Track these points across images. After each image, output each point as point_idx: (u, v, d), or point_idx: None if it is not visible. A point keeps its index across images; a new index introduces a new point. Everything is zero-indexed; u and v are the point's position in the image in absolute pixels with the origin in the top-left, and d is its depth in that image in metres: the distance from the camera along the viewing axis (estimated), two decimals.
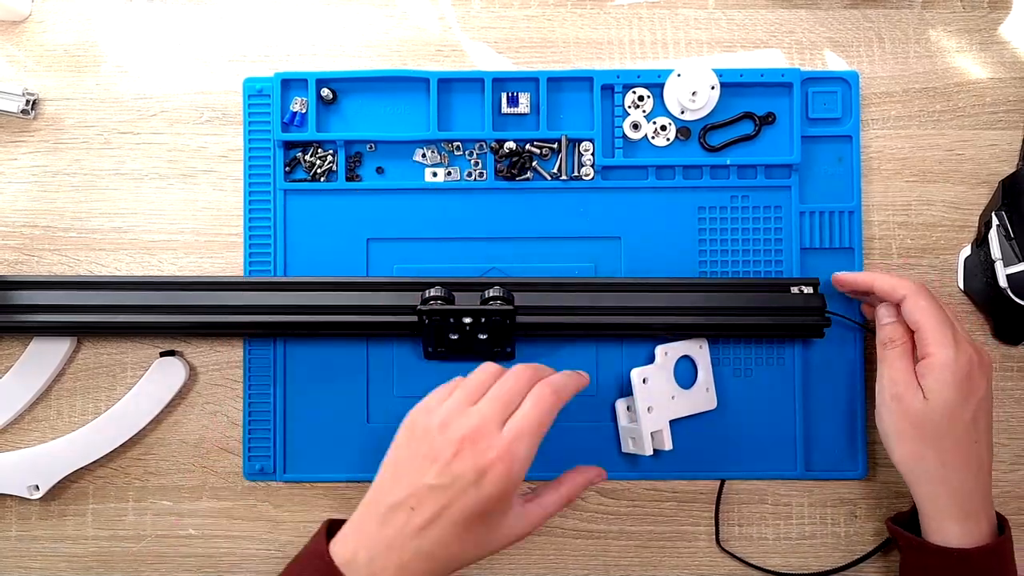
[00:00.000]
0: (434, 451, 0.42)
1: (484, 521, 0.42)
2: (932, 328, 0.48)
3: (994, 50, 0.57)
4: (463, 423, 0.42)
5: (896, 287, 0.49)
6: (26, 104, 0.55)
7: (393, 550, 0.41)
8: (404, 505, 0.42)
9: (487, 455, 0.41)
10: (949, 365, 0.47)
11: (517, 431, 0.42)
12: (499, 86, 0.56)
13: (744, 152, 0.56)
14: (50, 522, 0.56)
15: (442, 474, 0.41)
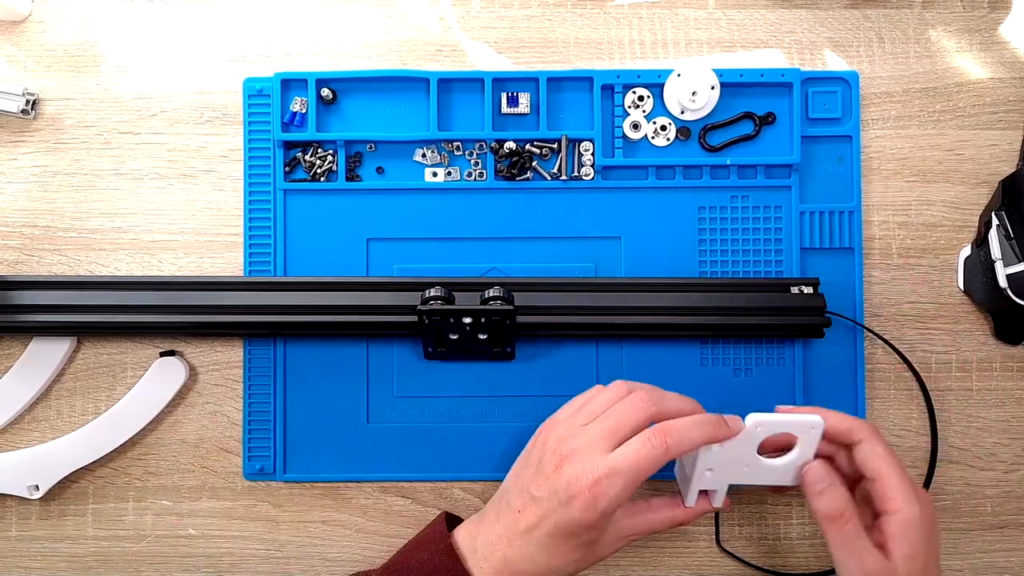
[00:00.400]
0: (543, 463, 0.44)
1: (577, 538, 0.43)
2: (896, 478, 0.43)
3: (994, 50, 0.57)
4: (572, 443, 0.43)
5: (853, 430, 0.45)
6: (26, 104, 0.55)
7: (502, 542, 0.44)
8: (514, 506, 0.44)
9: (580, 481, 0.42)
10: (916, 522, 0.42)
11: (613, 468, 0.42)
12: (499, 86, 0.56)
13: (744, 152, 0.56)
14: (50, 522, 0.56)
15: (541, 487, 0.43)
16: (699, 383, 0.55)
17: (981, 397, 0.56)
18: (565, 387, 0.55)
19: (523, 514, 0.43)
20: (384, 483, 0.56)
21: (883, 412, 0.56)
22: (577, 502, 0.41)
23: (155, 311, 0.53)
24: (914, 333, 0.56)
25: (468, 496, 0.56)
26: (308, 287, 0.53)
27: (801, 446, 0.45)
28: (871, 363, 0.56)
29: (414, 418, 0.56)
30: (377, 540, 0.56)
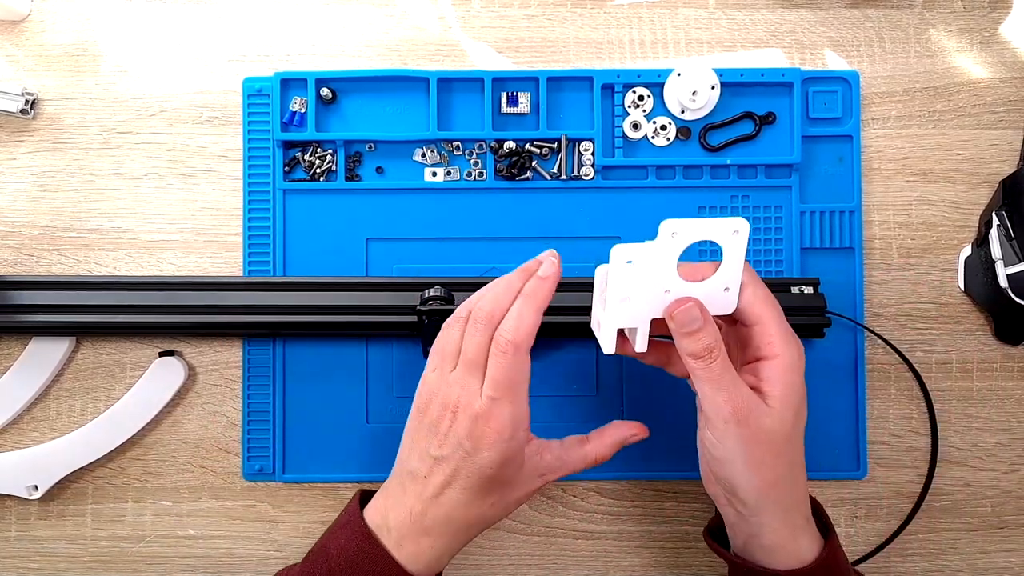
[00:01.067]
0: (435, 423, 0.43)
1: (495, 483, 0.42)
2: (775, 324, 0.41)
3: (995, 50, 0.57)
4: (448, 393, 0.42)
5: None
6: (25, 104, 0.55)
7: (415, 515, 0.42)
8: (419, 473, 0.43)
9: (476, 424, 0.41)
10: (793, 366, 0.41)
11: (491, 395, 0.41)
12: (499, 86, 0.56)
13: (744, 152, 0.56)
14: (49, 522, 0.56)
15: (442, 445, 0.42)
16: None
17: (981, 397, 0.56)
18: (565, 387, 0.55)
19: (431, 478, 0.42)
20: None
21: (883, 412, 0.56)
22: (484, 442, 0.41)
23: (154, 311, 0.53)
24: (914, 333, 0.56)
25: None
26: (307, 287, 0.53)
27: (727, 257, 0.40)
28: (871, 363, 0.56)
29: None
30: None
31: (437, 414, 0.42)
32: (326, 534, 0.45)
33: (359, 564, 0.42)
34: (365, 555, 0.42)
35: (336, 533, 0.44)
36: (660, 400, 0.55)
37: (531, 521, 0.56)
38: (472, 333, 0.43)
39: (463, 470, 0.42)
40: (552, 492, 0.56)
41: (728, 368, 0.41)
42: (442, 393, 0.43)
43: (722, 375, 0.40)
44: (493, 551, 0.56)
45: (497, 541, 0.56)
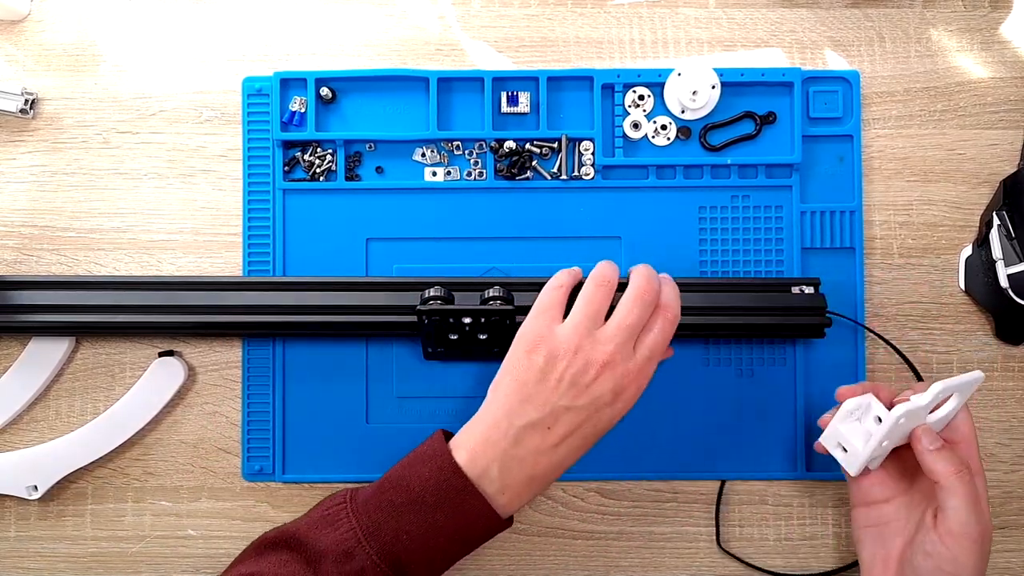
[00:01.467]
0: (570, 376, 0.44)
1: (608, 429, 0.46)
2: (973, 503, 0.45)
3: (995, 50, 0.57)
4: (600, 351, 0.44)
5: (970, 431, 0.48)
6: (25, 104, 0.55)
7: (526, 464, 0.44)
8: (540, 425, 0.44)
9: (625, 379, 0.44)
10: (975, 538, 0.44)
11: (649, 354, 0.45)
12: (499, 85, 0.56)
13: (745, 152, 0.56)
14: (49, 522, 0.56)
15: (581, 396, 0.44)
16: (703, 383, 0.55)
17: (982, 397, 0.56)
18: None
19: (554, 429, 0.44)
20: None
21: None
22: (624, 396, 0.45)
23: (154, 311, 0.53)
24: (915, 333, 0.56)
25: None
26: (307, 287, 0.53)
27: (958, 398, 0.47)
28: (872, 363, 0.56)
29: (414, 418, 0.55)
30: None
31: (578, 367, 0.44)
32: (402, 466, 0.45)
33: (446, 500, 0.43)
34: (455, 491, 0.43)
35: (417, 466, 0.44)
36: (661, 401, 0.55)
37: (531, 521, 0.56)
38: (637, 305, 0.46)
39: (591, 420, 0.44)
40: (552, 492, 0.56)
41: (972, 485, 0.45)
42: (588, 349, 0.44)
43: (979, 495, 0.45)
44: (493, 551, 0.56)
45: (497, 541, 0.55)
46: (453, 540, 0.43)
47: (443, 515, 0.43)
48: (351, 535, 0.43)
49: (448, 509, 0.43)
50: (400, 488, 0.44)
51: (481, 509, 0.43)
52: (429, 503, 0.43)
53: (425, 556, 0.43)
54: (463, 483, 0.43)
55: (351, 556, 0.42)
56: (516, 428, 0.44)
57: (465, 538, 0.44)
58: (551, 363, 0.44)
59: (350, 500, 0.44)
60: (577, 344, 0.44)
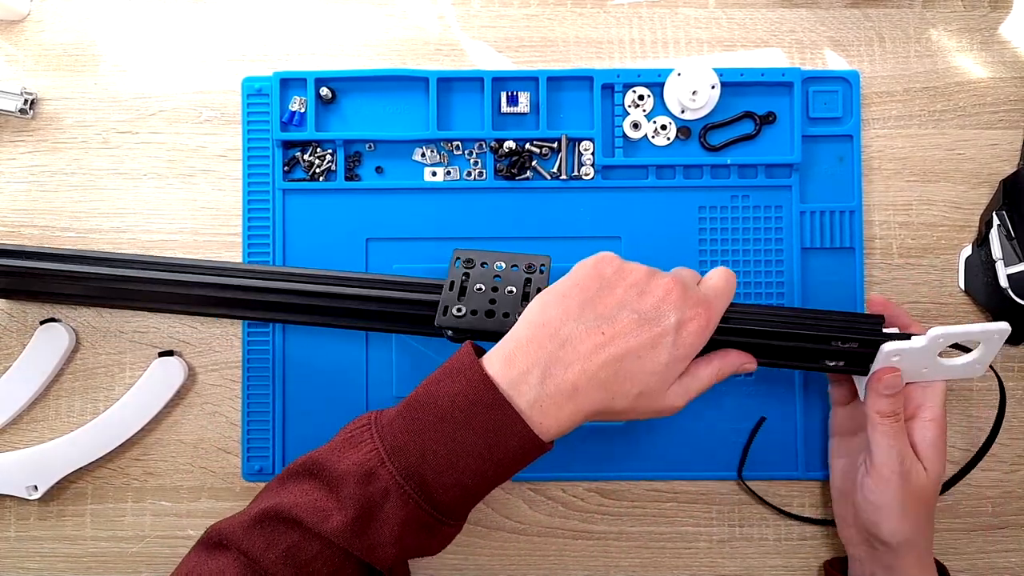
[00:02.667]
0: (640, 286, 0.42)
1: (660, 375, 0.41)
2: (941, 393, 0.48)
3: (995, 50, 0.57)
4: (667, 278, 0.43)
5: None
6: (24, 104, 0.55)
7: (571, 372, 0.40)
8: (596, 329, 0.40)
9: (694, 309, 0.42)
10: (944, 435, 0.48)
11: (716, 290, 0.44)
12: (499, 85, 0.56)
13: (744, 151, 0.56)
14: (49, 522, 0.56)
15: (651, 309, 0.41)
16: None
17: (981, 397, 0.56)
18: None
19: (614, 338, 0.40)
20: None
21: None
22: (690, 327, 0.42)
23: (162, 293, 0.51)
24: None
25: None
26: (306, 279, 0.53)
27: (984, 348, 0.48)
28: None
29: None
30: None
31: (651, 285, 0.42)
32: (429, 382, 0.41)
33: (475, 414, 0.39)
34: (484, 404, 0.39)
35: (445, 381, 0.41)
36: None
37: (531, 521, 0.56)
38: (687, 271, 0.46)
39: (652, 342, 0.41)
40: (552, 492, 0.56)
41: (902, 432, 0.48)
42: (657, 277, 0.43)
43: (898, 435, 0.47)
44: (493, 551, 0.56)
45: (497, 541, 0.56)
46: (485, 460, 0.39)
47: (472, 432, 0.39)
48: (374, 455, 0.40)
49: (477, 425, 0.39)
50: (426, 406, 0.40)
51: (514, 425, 0.39)
52: (457, 420, 0.39)
53: (454, 477, 0.39)
54: (494, 396, 0.39)
55: (374, 476, 0.39)
56: (568, 328, 0.40)
57: (498, 458, 0.39)
58: (622, 272, 0.43)
59: (374, 421, 0.41)
60: (647, 271, 0.43)
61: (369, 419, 0.42)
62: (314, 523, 0.39)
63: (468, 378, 0.40)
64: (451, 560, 0.56)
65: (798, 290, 0.55)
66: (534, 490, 0.56)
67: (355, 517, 0.39)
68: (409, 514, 0.39)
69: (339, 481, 0.39)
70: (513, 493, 0.56)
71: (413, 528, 0.40)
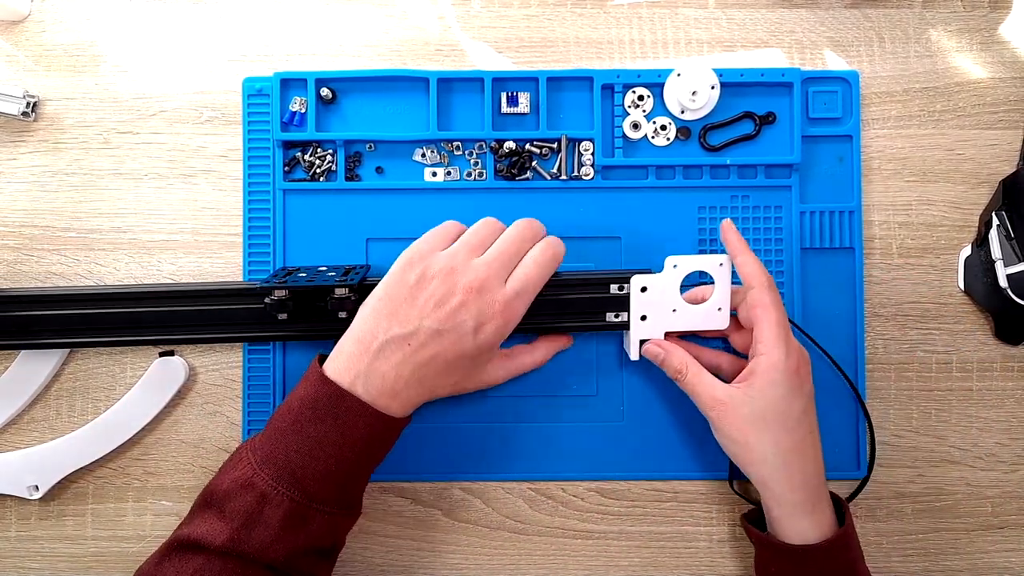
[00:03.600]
0: (438, 297, 0.46)
1: (470, 364, 0.47)
2: (768, 326, 0.48)
3: (994, 50, 0.57)
4: (470, 274, 0.46)
5: (753, 276, 0.49)
6: (27, 107, 0.55)
7: (387, 379, 0.45)
8: (402, 341, 0.45)
9: (490, 309, 0.46)
10: (779, 364, 0.47)
11: (519, 289, 0.47)
12: (499, 86, 0.56)
13: (744, 152, 0.56)
14: (49, 522, 0.56)
15: (445, 320, 0.45)
16: None
17: (981, 397, 0.56)
18: (565, 387, 0.55)
19: (416, 349, 0.45)
20: (384, 483, 0.56)
21: (883, 412, 0.56)
22: (487, 328, 0.46)
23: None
24: (915, 333, 0.56)
25: (468, 496, 0.56)
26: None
27: (717, 285, 0.51)
28: (872, 363, 0.56)
29: (414, 418, 0.55)
30: (377, 540, 0.56)
31: (445, 290, 0.46)
32: (286, 397, 0.47)
33: (321, 408, 0.44)
34: (327, 397, 0.44)
35: (296, 389, 0.46)
36: (660, 401, 0.55)
37: (531, 521, 0.56)
38: (518, 234, 0.49)
39: (454, 346, 0.45)
40: (552, 492, 0.56)
41: (700, 376, 0.49)
42: (460, 272, 0.46)
43: (695, 383, 0.49)
44: (493, 551, 0.56)
45: (497, 541, 0.56)
46: (341, 446, 0.44)
47: (324, 425, 0.44)
48: (248, 469, 0.44)
49: (327, 418, 0.44)
50: (284, 414, 0.45)
51: (357, 408, 0.44)
52: (308, 417, 0.44)
53: (317, 469, 0.44)
54: (333, 389, 0.44)
55: (251, 486, 0.44)
56: (379, 342, 0.45)
57: (352, 441, 0.45)
58: (422, 282, 0.46)
59: (248, 443, 0.46)
60: (452, 267, 0.46)
61: (244, 444, 0.46)
62: (209, 541, 0.43)
63: (311, 380, 0.45)
64: (451, 559, 0.56)
65: (798, 290, 0.55)
66: (534, 490, 0.56)
67: (240, 526, 0.43)
68: (287, 511, 0.44)
69: (223, 500, 0.44)
70: (513, 493, 0.56)
71: (295, 523, 0.44)
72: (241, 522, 0.43)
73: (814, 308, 0.55)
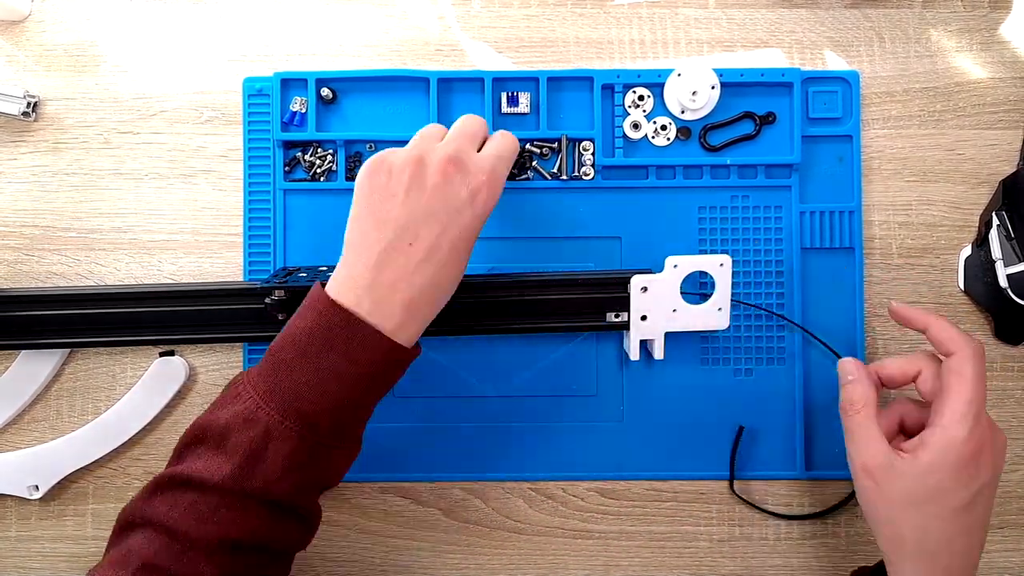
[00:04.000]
0: (419, 181, 0.42)
1: (471, 242, 0.44)
2: (959, 401, 0.42)
3: (995, 50, 0.57)
4: (439, 152, 0.43)
5: (951, 342, 0.43)
6: (27, 107, 0.55)
7: (398, 290, 0.42)
8: (400, 242, 0.42)
9: (477, 177, 0.43)
10: (955, 443, 0.41)
11: (496, 154, 0.44)
12: (499, 86, 0.56)
13: (744, 152, 0.56)
14: (50, 522, 0.56)
15: (435, 197, 0.42)
16: (699, 382, 0.55)
17: None
18: (565, 387, 0.55)
19: (416, 243, 0.42)
20: (384, 483, 0.56)
21: None
22: (480, 196, 0.43)
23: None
24: (915, 333, 0.56)
25: (468, 496, 0.56)
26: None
27: (717, 284, 0.51)
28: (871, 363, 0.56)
29: (414, 418, 0.55)
30: (377, 540, 0.56)
31: (423, 173, 0.42)
32: (287, 326, 0.43)
33: (331, 337, 0.41)
34: (337, 326, 0.41)
35: (299, 319, 0.42)
36: (660, 401, 0.55)
37: (531, 521, 0.56)
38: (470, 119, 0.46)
39: (454, 223, 0.42)
40: (552, 492, 0.56)
41: (867, 425, 0.44)
42: (431, 154, 0.43)
43: (857, 430, 0.44)
44: (493, 551, 0.56)
45: (497, 541, 0.56)
46: (352, 376, 0.41)
47: (335, 355, 0.41)
48: (251, 402, 0.41)
49: (338, 347, 0.41)
50: (287, 346, 0.42)
51: (370, 337, 0.41)
52: (317, 347, 0.41)
53: (328, 403, 0.41)
54: (344, 316, 0.41)
55: (254, 421, 0.41)
56: (376, 254, 0.42)
57: (364, 371, 0.41)
58: (394, 176, 0.43)
59: (246, 376, 0.43)
60: (417, 154, 0.43)
61: (241, 376, 0.43)
62: (208, 477, 0.40)
63: (318, 309, 0.42)
64: (451, 559, 0.56)
65: (798, 290, 0.55)
66: (534, 490, 0.56)
67: (243, 461, 0.40)
68: (294, 446, 0.41)
69: (223, 434, 0.41)
70: (513, 493, 0.56)
71: (302, 458, 0.41)
72: (243, 457, 0.40)
73: (814, 308, 0.55)
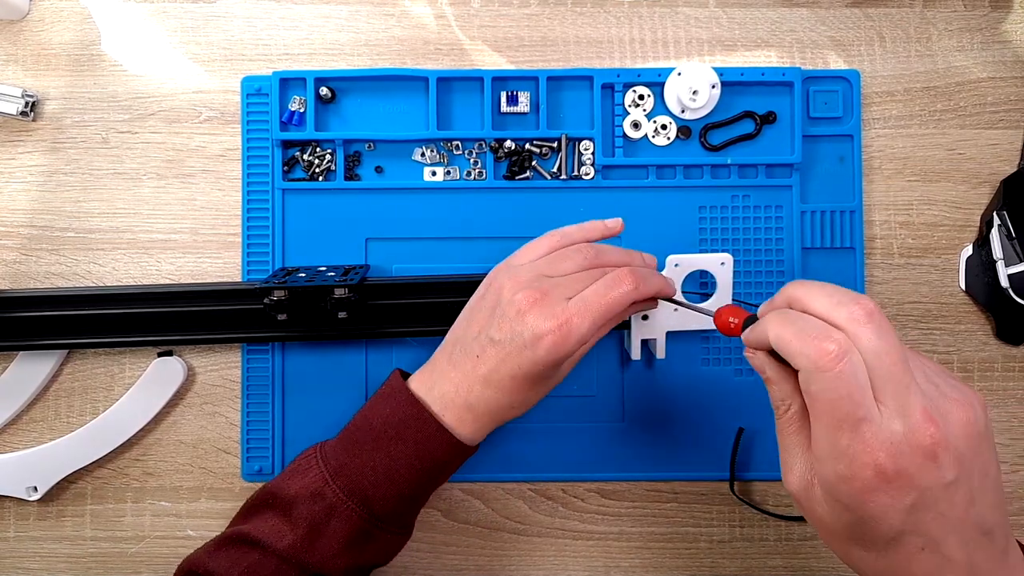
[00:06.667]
0: (502, 308, 0.44)
1: (538, 378, 0.44)
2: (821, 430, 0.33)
3: (995, 49, 0.57)
4: (535, 288, 0.43)
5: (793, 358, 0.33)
6: (25, 106, 0.55)
7: (461, 390, 0.44)
8: (471, 351, 0.44)
9: (546, 323, 0.42)
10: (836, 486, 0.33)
11: (581, 307, 0.43)
12: (499, 85, 0.56)
13: (745, 151, 0.56)
14: (48, 523, 0.56)
15: (503, 330, 0.43)
16: (700, 382, 0.55)
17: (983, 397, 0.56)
18: (565, 387, 0.55)
19: (482, 359, 0.44)
20: None
21: None
22: (543, 343, 0.42)
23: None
24: (915, 333, 0.56)
25: (468, 497, 0.56)
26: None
27: (718, 283, 0.51)
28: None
29: None
30: None
31: (509, 302, 0.43)
32: (365, 408, 0.46)
33: (405, 429, 0.44)
34: (411, 419, 0.44)
35: (377, 404, 0.46)
36: (660, 401, 0.55)
37: (531, 521, 0.56)
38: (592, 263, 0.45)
39: (513, 360, 0.43)
40: (552, 492, 0.56)
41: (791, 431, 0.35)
42: (528, 286, 0.43)
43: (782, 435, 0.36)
44: (493, 551, 0.56)
45: (497, 541, 0.56)
46: (417, 469, 0.44)
47: (403, 445, 0.44)
48: (319, 478, 0.44)
49: (409, 439, 0.44)
50: (363, 429, 0.45)
51: (440, 435, 0.44)
52: (391, 436, 0.44)
53: (393, 489, 0.44)
54: (417, 410, 0.44)
55: (320, 496, 0.43)
56: (455, 352, 0.45)
57: (429, 466, 0.44)
58: (495, 293, 0.45)
59: (319, 450, 0.46)
60: (527, 280, 0.44)
61: (314, 449, 0.46)
62: (270, 542, 0.43)
63: (397, 400, 0.45)
64: (451, 560, 0.56)
65: None
66: (534, 490, 0.56)
67: (305, 534, 0.43)
68: (353, 527, 0.43)
69: (290, 504, 0.44)
70: (513, 493, 0.56)
71: (359, 540, 0.44)
72: (306, 530, 0.43)
73: None
